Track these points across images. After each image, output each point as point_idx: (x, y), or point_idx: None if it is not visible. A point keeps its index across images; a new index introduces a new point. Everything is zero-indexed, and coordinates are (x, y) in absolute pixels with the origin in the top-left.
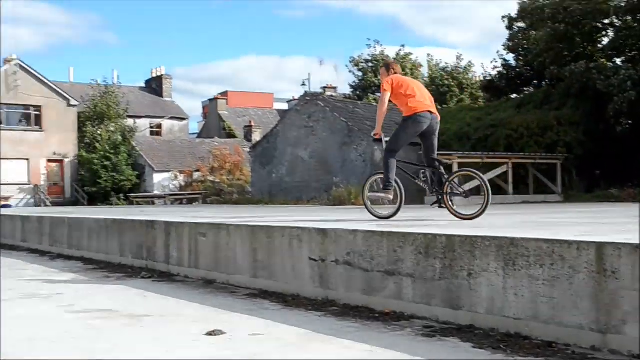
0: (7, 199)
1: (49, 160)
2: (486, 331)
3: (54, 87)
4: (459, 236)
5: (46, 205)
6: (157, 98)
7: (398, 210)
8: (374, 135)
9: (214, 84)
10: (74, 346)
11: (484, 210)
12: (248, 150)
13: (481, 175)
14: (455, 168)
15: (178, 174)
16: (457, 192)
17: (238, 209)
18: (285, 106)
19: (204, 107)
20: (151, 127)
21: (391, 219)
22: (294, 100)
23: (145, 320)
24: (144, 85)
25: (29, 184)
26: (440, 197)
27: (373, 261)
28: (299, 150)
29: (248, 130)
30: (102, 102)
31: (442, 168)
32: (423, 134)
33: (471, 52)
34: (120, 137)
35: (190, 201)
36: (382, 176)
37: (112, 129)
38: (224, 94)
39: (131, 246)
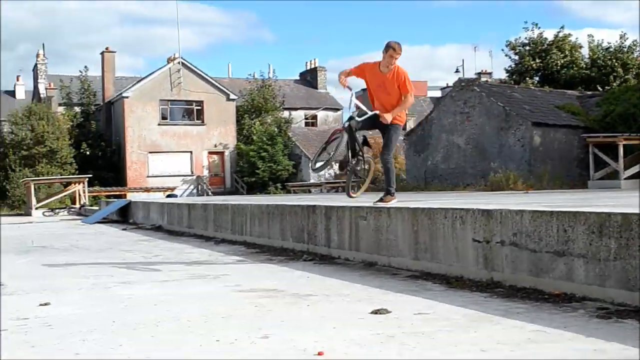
0: (172, 189)
1: (210, 152)
2: None
3: (214, 82)
4: (637, 214)
5: (208, 195)
6: (311, 90)
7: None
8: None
9: None
10: (244, 322)
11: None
12: (402, 137)
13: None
14: (620, 150)
15: (333, 162)
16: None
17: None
18: (438, 94)
19: (357, 98)
20: (306, 119)
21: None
22: (448, 87)
23: (310, 299)
24: (298, 77)
25: (192, 175)
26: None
27: (541, 242)
28: (455, 137)
29: None
30: (259, 95)
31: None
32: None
33: (636, 31)
34: (276, 129)
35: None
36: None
37: (268, 121)
38: None
39: (292, 230)
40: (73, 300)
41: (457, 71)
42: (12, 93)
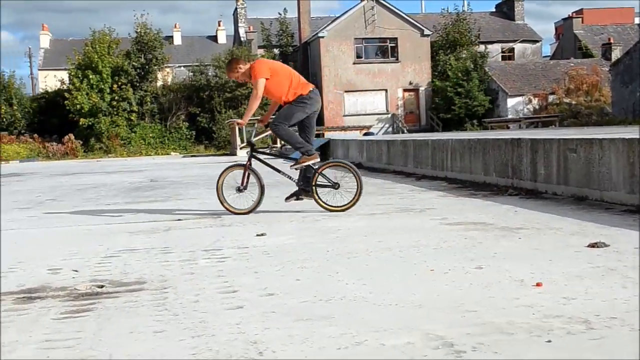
0: (368, 127)
1: (405, 90)
2: None
3: (407, 18)
4: None
5: (403, 133)
6: (508, 22)
7: (258, 203)
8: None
9: (567, 4)
10: (455, 253)
11: (355, 201)
12: (607, 69)
13: (352, 165)
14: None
15: (532, 97)
16: (327, 184)
17: (600, 129)
18: None
19: (556, 28)
20: (503, 52)
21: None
22: None
23: (521, 232)
24: (494, 9)
25: (387, 113)
26: (306, 189)
27: None
28: None
29: (607, 48)
30: (454, 29)
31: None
32: None
33: None
34: (471, 64)
35: (546, 124)
36: (239, 169)
37: (463, 56)
38: (579, 12)
39: (495, 165)
40: (287, 231)
41: None
42: (214, 38)
